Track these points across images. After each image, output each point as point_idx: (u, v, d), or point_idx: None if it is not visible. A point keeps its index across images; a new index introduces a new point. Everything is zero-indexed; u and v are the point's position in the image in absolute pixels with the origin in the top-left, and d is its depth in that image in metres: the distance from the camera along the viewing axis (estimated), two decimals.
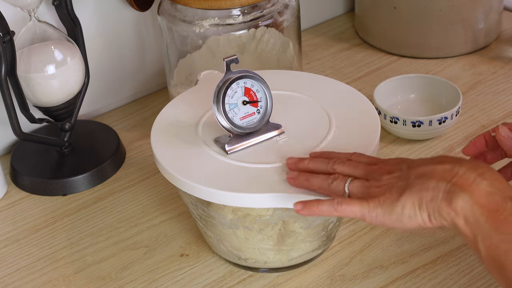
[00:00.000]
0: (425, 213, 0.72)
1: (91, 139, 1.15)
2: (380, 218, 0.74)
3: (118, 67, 1.23)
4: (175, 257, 0.95)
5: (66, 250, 0.98)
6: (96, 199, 1.06)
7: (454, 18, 1.27)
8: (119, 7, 1.19)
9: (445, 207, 0.70)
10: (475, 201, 0.69)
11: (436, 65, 1.29)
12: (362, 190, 0.77)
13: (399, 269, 0.91)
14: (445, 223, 0.72)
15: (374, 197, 0.75)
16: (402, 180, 0.75)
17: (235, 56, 0.85)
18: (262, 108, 0.87)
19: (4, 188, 1.08)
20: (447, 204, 0.70)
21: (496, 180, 0.71)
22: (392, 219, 0.74)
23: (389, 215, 0.74)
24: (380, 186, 0.76)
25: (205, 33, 1.06)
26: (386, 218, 0.74)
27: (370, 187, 0.76)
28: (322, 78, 1.00)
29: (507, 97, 1.20)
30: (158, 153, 0.87)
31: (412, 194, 0.73)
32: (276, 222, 0.85)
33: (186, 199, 0.89)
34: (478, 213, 0.69)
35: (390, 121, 1.10)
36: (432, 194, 0.71)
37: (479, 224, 0.69)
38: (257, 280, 0.91)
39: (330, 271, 0.92)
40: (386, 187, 0.75)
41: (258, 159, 0.84)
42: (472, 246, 0.70)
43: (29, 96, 1.03)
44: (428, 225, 0.73)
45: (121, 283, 0.92)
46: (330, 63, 1.33)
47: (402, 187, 0.74)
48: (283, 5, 1.08)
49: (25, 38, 1.02)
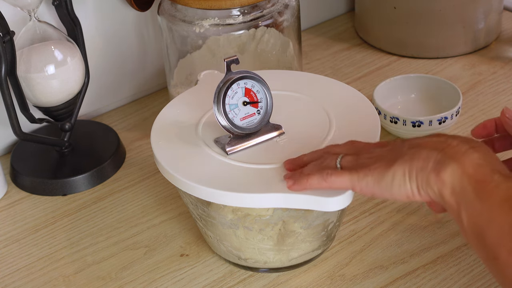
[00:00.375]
0: (414, 183, 0.72)
1: (91, 139, 1.15)
2: (370, 187, 0.74)
3: (118, 67, 1.23)
4: (175, 257, 0.96)
5: (66, 250, 0.98)
6: (96, 199, 1.06)
7: (454, 18, 1.27)
8: (119, 7, 1.19)
9: (434, 177, 0.70)
10: (464, 170, 0.69)
11: (436, 65, 1.29)
12: (353, 163, 0.77)
13: (399, 269, 0.91)
14: (432, 195, 0.71)
15: (365, 166, 0.75)
16: (394, 152, 0.75)
17: (236, 56, 0.85)
18: (263, 108, 0.87)
19: (4, 188, 1.08)
20: (435, 174, 0.70)
21: (487, 154, 0.70)
22: (381, 188, 0.74)
23: (378, 183, 0.74)
24: (371, 157, 0.76)
25: (205, 33, 1.06)
26: (376, 187, 0.74)
27: (361, 159, 0.77)
28: (322, 78, 1.00)
29: (507, 97, 1.20)
30: (158, 153, 0.87)
31: (404, 163, 0.73)
32: (276, 222, 0.85)
33: (186, 199, 0.89)
34: (465, 182, 0.68)
35: (390, 121, 1.10)
36: (422, 163, 0.71)
37: (465, 192, 0.68)
38: (257, 280, 0.91)
39: (330, 271, 0.92)
40: (377, 158, 0.75)
41: (258, 160, 0.85)
42: (455, 216, 0.70)
43: (29, 96, 1.03)
44: (416, 197, 0.73)
45: (121, 283, 0.92)
46: (330, 63, 1.33)
47: (394, 157, 0.74)
48: (283, 5, 1.08)
49: (25, 38, 1.02)
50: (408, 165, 0.72)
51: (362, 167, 0.75)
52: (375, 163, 0.75)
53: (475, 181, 0.68)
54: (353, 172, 0.76)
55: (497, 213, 0.66)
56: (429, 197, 0.72)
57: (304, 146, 0.85)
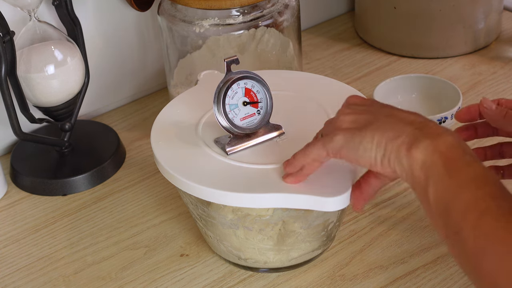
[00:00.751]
0: (381, 151, 0.72)
1: (91, 139, 1.15)
2: (338, 146, 0.74)
3: (118, 67, 1.23)
4: (175, 257, 0.96)
5: (66, 250, 0.98)
6: (96, 199, 1.06)
7: (454, 18, 1.27)
8: (119, 7, 1.19)
9: (404, 151, 0.70)
10: (436, 148, 0.69)
11: (436, 65, 1.29)
12: (330, 126, 0.77)
13: (399, 269, 0.91)
14: (397, 168, 0.71)
15: (337, 128, 0.75)
16: (370, 113, 0.75)
17: (236, 56, 0.85)
18: (263, 109, 0.87)
19: (4, 188, 1.08)
20: (407, 148, 0.70)
21: (461, 140, 0.70)
22: (349, 148, 0.74)
23: (347, 143, 0.74)
24: (347, 113, 0.76)
25: (205, 33, 1.06)
26: (344, 147, 0.74)
27: (337, 121, 0.76)
28: (322, 78, 1.00)
29: (507, 97, 1.20)
30: (158, 153, 0.87)
31: (376, 129, 0.72)
32: (276, 222, 0.85)
33: (186, 199, 0.89)
34: (436, 158, 0.68)
35: None
36: (394, 134, 0.71)
37: (435, 167, 0.68)
38: (257, 280, 0.91)
39: (330, 271, 0.92)
40: (351, 120, 0.75)
41: (258, 160, 0.85)
42: (421, 191, 0.69)
43: (29, 96, 1.03)
44: (378, 166, 0.73)
45: (121, 283, 0.92)
46: (330, 63, 1.33)
47: (368, 121, 0.74)
48: (283, 5, 1.08)
49: (25, 38, 1.02)
50: (379, 133, 0.72)
51: (335, 129, 0.76)
52: (348, 124, 0.75)
53: (445, 158, 0.68)
54: (325, 137, 0.76)
55: (464, 189, 0.66)
56: (390, 170, 0.72)
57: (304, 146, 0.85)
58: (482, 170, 0.68)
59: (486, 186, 0.66)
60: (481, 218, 0.64)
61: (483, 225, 0.64)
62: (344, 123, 0.76)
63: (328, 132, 0.77)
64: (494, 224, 0.63)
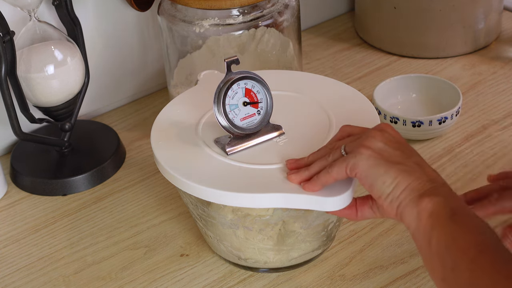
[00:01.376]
0: (397, 192, 0.73)
1: (91, 139, 1.15)
2: (359, 165, 0.75)
3: (118, 67, 1.23)
4: (175, 257, 0.96)
5: (66, 250, 0.98)
6: (96, 199, 1.06)
7: (454, 18, 1.27)
8: (119, 7, 1.19)
9: (418, 201, 0.72)
10: (447, 203, 0.71)
11: (436, 65, 1.29)
12: (357, 143, 0.77)
13: (399, 269, 0.91)
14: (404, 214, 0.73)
15: (366, 147, 0.75)
16: (402, 152, 0.76)
17: (236, 57, 0.85)
18: (263, 109, 0.87)
19: (4, 188, 1.08)
20: (420, 198, 0.72)
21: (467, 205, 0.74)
22: (368, 172, 0.74)
23: (369, 167, 0.74)
24: (379, 139, 0.76)
25: (205, 33, 1.06)
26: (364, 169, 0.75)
27: (365, 140, 0.77)
28: (322, 78, 1.00)
29: (507, 97, 1.20)
30: (158, 153, 0.87)
31: (402, 170, 0.74)
32: (276, 222, 0.85)
33: (186, 199, 0.89)
34: (446, 211, 0.70)
35: (390, 121, 1.10)
36: (417, 185, 0.73)
37: (442, 216, 0.70)
38: (257, 280, 0.91)
39: (330, 271, 0.92)
40: (384, 146, 0.76)
41: (258, 160, 0.84)
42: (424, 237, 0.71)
43: (29, 96, 1.03)
44: (385, 202, 0.74)
45: (121, 283, 0.92)
46: (330, 63, 1.33)
47: (399, 158, 0.75)
48: (283, 5, 1.08)
49: (25, 38, 1.02)
50: (404, 176, 0.73)
51: (362, 146, 0.76)
52: (378, 149, 0.75)
53: (453, 210, 0.70)
54: (349, 155, 0.76)
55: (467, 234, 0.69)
56: (393, 211, 0.74)
57: (304, 146, 0.85)
58: (484, 223, 0.70)
59: (487, 234, 0.68)
60: (480, 254, 0.66)
61: (481, 260, 0.66)
62: (373, 145, 0.76)
63: (353, 148, 0.77)
64: (492, 259, 0.65)
